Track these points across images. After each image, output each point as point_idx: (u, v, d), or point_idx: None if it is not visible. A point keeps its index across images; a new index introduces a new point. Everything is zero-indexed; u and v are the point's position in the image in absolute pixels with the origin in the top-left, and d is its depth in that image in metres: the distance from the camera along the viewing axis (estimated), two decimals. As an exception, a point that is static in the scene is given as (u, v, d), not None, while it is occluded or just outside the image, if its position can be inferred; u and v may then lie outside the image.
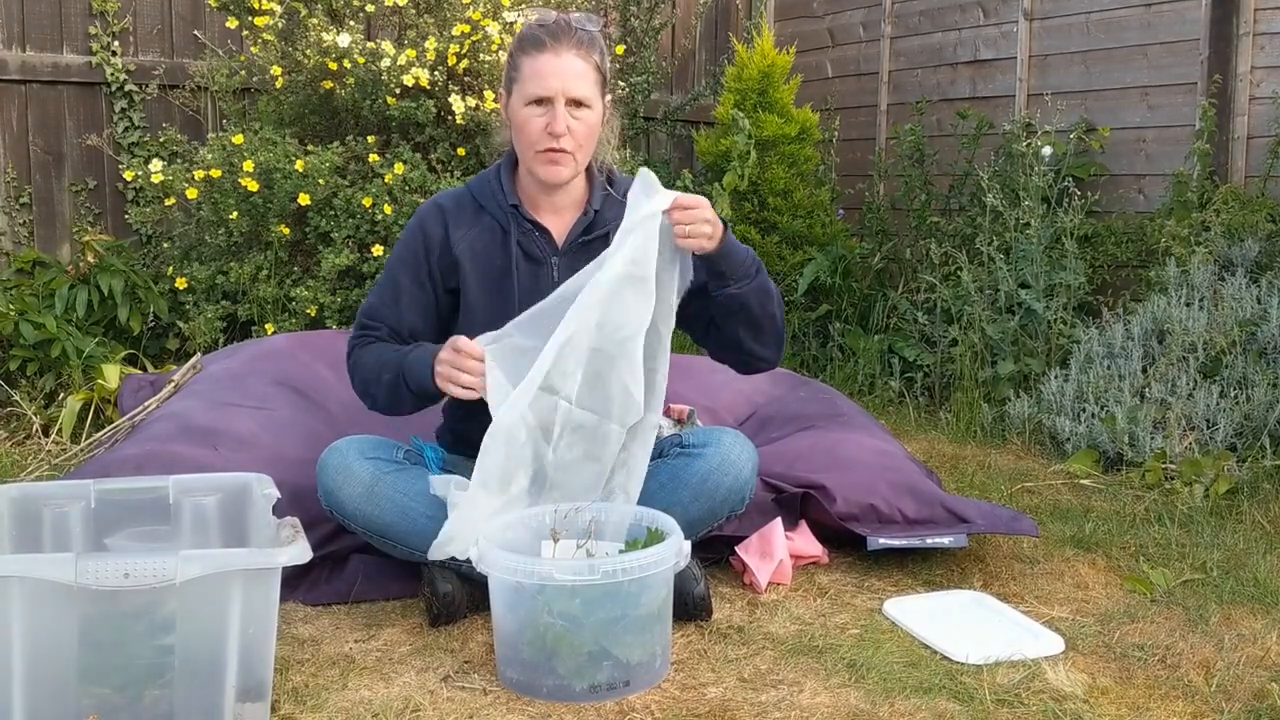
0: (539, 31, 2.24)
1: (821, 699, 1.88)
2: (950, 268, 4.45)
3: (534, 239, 2.32)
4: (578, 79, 2.22)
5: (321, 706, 1.83)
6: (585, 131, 2.25)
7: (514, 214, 2.32)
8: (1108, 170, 4.62)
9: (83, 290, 4.20)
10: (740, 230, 4.95)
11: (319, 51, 4.08)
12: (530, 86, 2.22)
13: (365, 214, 3.97)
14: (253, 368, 3.17)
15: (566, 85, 2.21)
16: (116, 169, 4.76)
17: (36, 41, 4.63)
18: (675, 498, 2.23)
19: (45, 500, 2.03)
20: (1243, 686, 1.95)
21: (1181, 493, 3.08)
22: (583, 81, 2.23)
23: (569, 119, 2.21)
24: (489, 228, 2.34)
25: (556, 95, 2.20)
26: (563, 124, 2.20)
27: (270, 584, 1.74)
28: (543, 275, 2.31)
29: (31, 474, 3.16)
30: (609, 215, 2.33)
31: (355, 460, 2.22)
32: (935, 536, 2.46)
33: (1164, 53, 4.46)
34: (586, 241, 2.33)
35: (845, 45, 5.89)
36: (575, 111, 2.22)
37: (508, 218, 2.32)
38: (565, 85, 2.21)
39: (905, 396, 4.28)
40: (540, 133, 2.22)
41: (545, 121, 2.21)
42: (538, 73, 2.21)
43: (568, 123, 2.21)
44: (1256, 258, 3.80)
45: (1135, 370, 3.59)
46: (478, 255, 2.32)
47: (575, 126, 2.22)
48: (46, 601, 1.63)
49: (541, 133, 2.22)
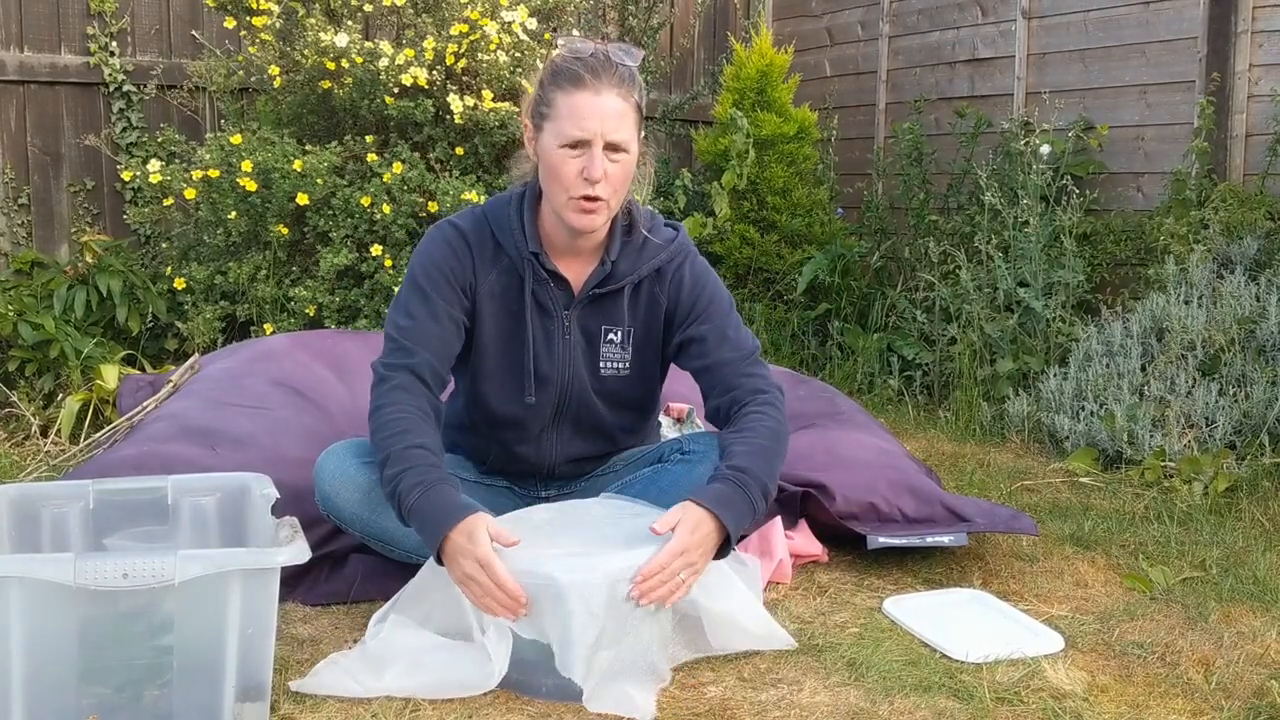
0: (577, 66, 2.06)
1: (821, 697, 1.88)
2: (949, 266, 4.45)
3: (548, 289, 2.21)
4: (618, 121, 2.05)
5: (320, 706, 1.83)
6: (621, 177, 2.09)
7: (533, 261, 2.19)
8: (1106, 168, 4.62)
9: (81, 291, 4.20)
10: (739, 229, 4.96)
11: (317, 51, 4.07)
12: (567, 127, 2.04)
13: (364, 213, 3.97)
14: (251, 368, 3.17)
15: (606, 128, 2.04)
16: (115, 169, 4.76)
17: (34, 42, 4.63)
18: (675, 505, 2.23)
19: (44, 501, 2.03)
20: (1242, 684, 1.95)
21: (1181, 490, 3.08)
22: (623, 124, 2.06)
23: (606, 164, 2.05)
24: (506, 270, 2.22)
25: (595, 138, 2.04)
26: (600, 170, 2.04)
27: (269, 584, 1.74)
28: (554, 328, 2.22)
29: (30, 474, 3.16)
30: (624, 268, 2.22)
31: (352, 464, 2.21)
32: (935, 535, 2.46)
33: (1162, 51, 4.46)
34: (599, 295, 2.23)
35: (843, 44, 5.89)
36: (613, 155, 2.06)
37: (525, 264, 2.20)
38: (605, 128, 2.04)
39: (904, 395, 4.28)
40: (575, 178, 2.06)
41: (581, 165, 2.05)
42: (576, 112, 2.04)
43: (605, 168, 2.05)
44: (1255, 255, 3.80)
45: (1134, 368, 3.59)
46: (495, 299, 2.22)
47: (612, 171, 2.06)
48: (45, 602, 1.63)
49: (577, 178, 2.05)
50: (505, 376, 2.24)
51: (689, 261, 2.27)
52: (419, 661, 1.89)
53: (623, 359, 2.27)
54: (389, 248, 3.97)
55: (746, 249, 4.97)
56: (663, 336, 2.28)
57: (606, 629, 1.84)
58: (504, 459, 2.36)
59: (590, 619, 1.83)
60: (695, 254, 2.30)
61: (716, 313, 2.24)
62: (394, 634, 1.95)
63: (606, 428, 2.33)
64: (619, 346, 2.26)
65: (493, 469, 2.39)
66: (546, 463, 2.35)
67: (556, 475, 2.39)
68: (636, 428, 2.41)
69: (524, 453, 2.33)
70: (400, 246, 3.98)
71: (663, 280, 2.24)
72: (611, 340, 2.25)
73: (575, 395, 2.25)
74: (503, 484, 2.41)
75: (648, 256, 2.23)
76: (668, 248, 2.25)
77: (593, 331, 2.25)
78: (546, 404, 2.25)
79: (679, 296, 2.24)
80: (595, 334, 2.25)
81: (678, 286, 2.24)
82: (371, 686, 1.87)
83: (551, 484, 2.42)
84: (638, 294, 2.25)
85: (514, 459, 2.35)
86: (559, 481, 2.42)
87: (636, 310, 2.25)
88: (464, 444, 2.40)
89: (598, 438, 2.34)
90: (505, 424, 2.29)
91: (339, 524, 2.23)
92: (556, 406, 2.27)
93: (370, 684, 1.87)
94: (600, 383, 2.26)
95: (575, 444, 2.34)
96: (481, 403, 2.27)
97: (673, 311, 2.25)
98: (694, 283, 2.25)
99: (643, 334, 2.27)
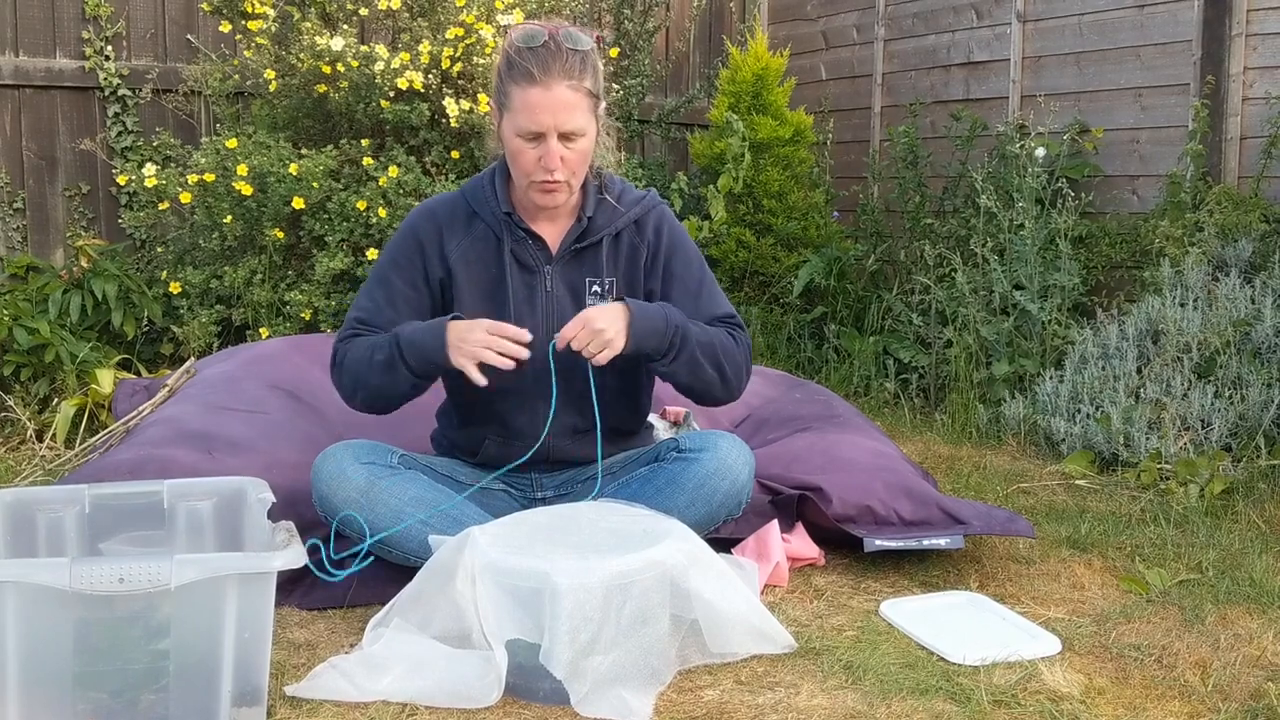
0: (528, 60, 2.17)
1: (818, 700, 1.88)
2: (945, 269, 4.46)
3: (527, 247, 2.31)
4: (569, 112, 2.17)
5: (317, 711, 1.83)
6: (579, 159, 2.22)
7: (507, 222, 2.30)
8: (1101, 171, 4.62)
9: (76, 295, 4.19)
10: (735, 233, 4.96)
11: (312, 55, 4.07)
12: (522, 120, 2.18)
13: (359, 217, 3.97)
14: (247, 371, 3.17)
15: (558, 120, 2.16)
16: (110, 173, 4.75)
17: (29, 46, 4.63)
18: (672, 503, 2.23)
19: (39, 505, 2.03)
20: (1239, 686, 1.95)
21: (1177, 493, 3.08)
22: (575, 113, 2.18)
23: (562, 150, 2.18)
24: (482, 235, 2.32)
25: (549, 131, 2.16)
26: (556, 159, 2.18)
27: (265, 588, 1.74)
28: (536, 284, 2.30)
29: (25, 479, 3.16)
30: (601, 222, 2.32)
31: (350, 466, 2.22)
32: (932, 538, 2.46)
33: (1157, 54, 4.47)
34: (579, 250, 2.32)
35: (839, 48, 5.89)
36: (568, 143, 2.19)
37: (501, 225, 2.30)
38: (557, 121, 2.16)
39: (900, 398, 4.28)
40: (534, 165, 2.20)
41: (538, 155, 2.19)
42: (528, 106, 2.16)
43: (561, 154, 2.18)
44: (1250, 258, 3.81)
45: (1130, 371, 3.59)
46: (471, 264, 2.31)
47: (569, 156, 2.20)
48: (41, 607, 1.63)
49: (535, 165, 2.20)
50: None
51: (664, 213, 2.41)
52: (418, 668, 1.89)
53: None
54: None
55: (743, 252, 4.97)
56: (643, 284, 2.35)
57: (601, 633, 1.84)
58: (498, 443, 2.35)
59: (584, 622, 1.83)
60: (668, 209, 2.43)
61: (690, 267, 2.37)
62: (394, 638, 1.94)
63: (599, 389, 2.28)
64: (602, 298, 2.32)
65: (487, 461, 2.37)
66: (540, 435, 2.30)
67: (552, 459, 2.37)
68: (629, 391, 2.40)
69: (518, 427, 2.32)
70: (396, 250, 3.98)
71: (641, 229, 2.36)
72: (596, 292, 2.32)
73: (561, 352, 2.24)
74: (499, 487, 2.40)
75: (624, 209, 2.35)
76: (642, 200, 2.38)
77: (577, 285, 2.32)
78: (535, 361, 2.23)
79: (658, 244, 2.36)
80: (580, 287, 2.32)
81: (656, 234, 2.37)
82: (369, 690, 1.86)
83: (549, 483, 2.41)
84: (617, 245, 2.35)
85: (508, 440, 2.33)
86: (556, 479, 2.41)
87: (617, 261, 2.35)
88: (459, 441, 2.39)
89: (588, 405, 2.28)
90: (495, 394, 2.25)
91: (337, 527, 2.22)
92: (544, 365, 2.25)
93: (367, 687, 1.87)
94: None
95: (568, 414, 2.31)
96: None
97: (652, 258, 2.36)
98: (671, 232, 2.39)
99: (625, 285, 2.35)
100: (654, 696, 1.87)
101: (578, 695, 1.82)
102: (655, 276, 2.35)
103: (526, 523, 2.07)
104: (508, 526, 2.04)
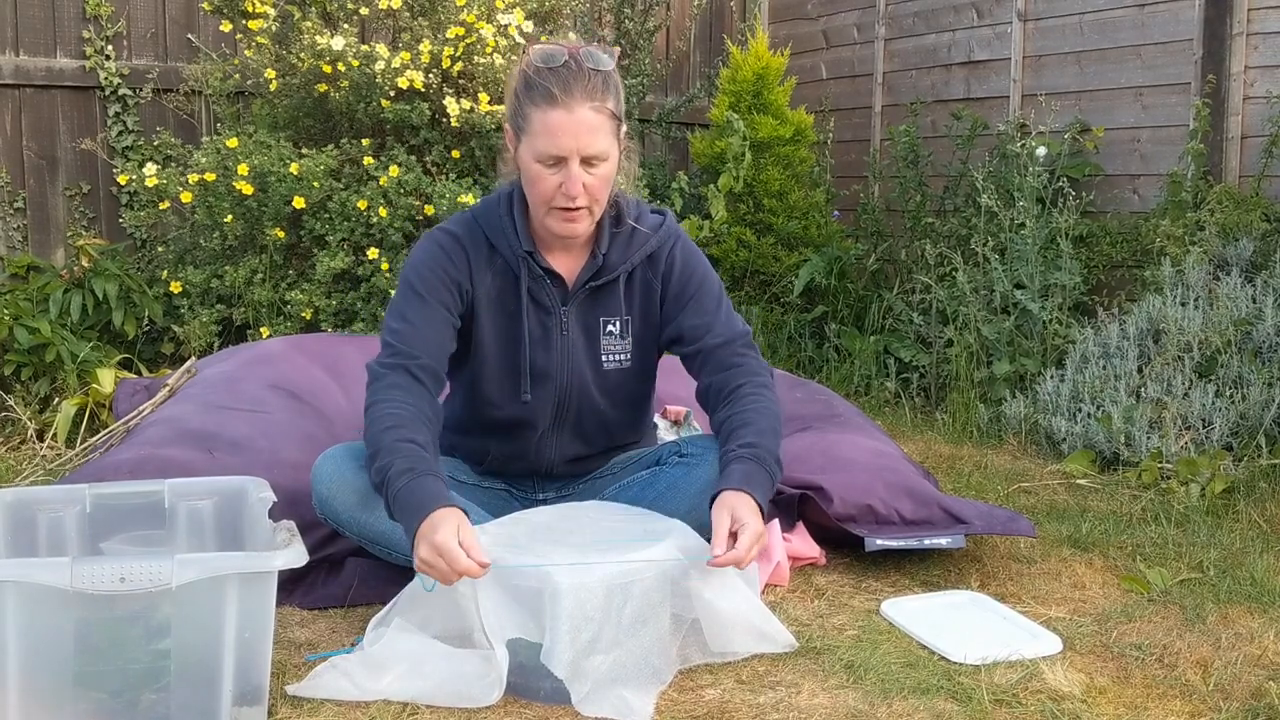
0: (549, 81, 2.05)
1: (819, 700, 1.88)
2: (945, 268, 4.46)
3: (544, 286, 2.22)
4: (592, 135, 2.05)
5: (318, 710, 1.83)
6: (601, 185, 2.11)
7: (527, 260, 2.21)
8: (1102, 170, 4.62)
9: (77, 294, 4.19)
10: (736, 232, 4.96)
11: (313, 54, 4.07)
12: (542, 144, 2.06)
13: (360, 217, 3.96)
14: (248, 371, 3.16)
15: (581, 144, 2.05)
16: (111, 173, 4.75)
17: (30, 46, 4.63)
18: (674, 507, 2.22)
19: (40, 505, 2.03)
20: (1240, 685, 1.95)
21: (1178, 492, 3.08)
22: (598, 136, 2.06)
23: (584, 176, 2.07)
24: (502, 271, 2.23)
25: (571, 155, 2.05)
26: (578, 185, 2.06)
27: (266, 587, 1.74)
28: (551, 324, 2.24)
29: (26, 479, 3.15)
30: (616, 258, 2.24)
31: (349, 467, 2.20)
32: (933, 537, 2.46)
33: (1158, 53, 4.47)
34: (595, 288, 2.25)
35: (840, 47, 5.89)
36: (590, 168, 2.07)
37: (520, 263, 2.21)
38: (580, 144, 2.05)
39: (901, 397, 4.28)
40: (554, 192, 2.08)
41: (559, 181, 2.07)
42: (549, 130, 2.04)
43: (583, 180, 2.07)
44: (1251, 257, 3.81)
45: (1131, 370, 3.59)
46: (493, 300, 2.23)
47: (591, 182, 2.08)
48: (42, 606, 1.63)
49: (555, 191, 2.08)
50: (504, 377, 2.24)
51: (679, 245, 2.30)
52: (419, 668, 1.89)
53: (624, 350, 2.28)
54: (385, 251, 3.97)
55: (743, 251, 4.97)
56: (659, 321, 2.30)
57: (602, 633, 1.84)
58: (502, 459, 2.36)
59: (585, 621, 1.82)
60: (684, 236, 2.33)
61: (708, 295, 2.28)
62: (395, 638, 1.94)
63: (608, 425, 2.33)
64: (618, 337, 2.27)
65: (490, 469, 2.38)
66: (545, 463, 2.35)
67: (554, 475, 2.39)
68: (635, 423, 2.41)
69: (523, 453, 2.33)
70: (397, 250, 3.98)
71: (655, 265, 2.28)
72: (611, 332, 2.27)
73: (576, 392, 2.26)
74: (500, 486, 2.40)
75: (637, 245, 2.26)
76: (656, 233, 2.28)
77: (591, 325, 2.26)
78: (546, 402, 2.26)
79: (671, 278, 2.27)
80: (594, 327, 2.26)
81: (670, 269, 2.27)
82: (370, 689, 1.86)
83: (549, 485, 2.42)
84: (632, 282, 2.27)
85: (512, 459, 2.35)
86: (557, 482, 2.42)
87: (632, 299, 2.28)
88: (461, 446, 2.40)
89: (597, 436, 2.34)
90: (505, 425, 2.28)
91: (336, 527, 2.22)
92: (557, 405, 2.27)
93: (368, 687, 1.86)
94: (603, 378, 2.27)
95: (575, 445, 2.34)
96: (482, 404, 2.27)
97: (665, 294, 2.28)
98: (684, 264, 2.28)
99: (640, 323, 2.29)
100: (655, 696, 1.87)
101: (579, 694, 1.82)
102: (672, 306, 2.29)
103: (527, 522, 2.07)
104: (508, 526, 2.04)
